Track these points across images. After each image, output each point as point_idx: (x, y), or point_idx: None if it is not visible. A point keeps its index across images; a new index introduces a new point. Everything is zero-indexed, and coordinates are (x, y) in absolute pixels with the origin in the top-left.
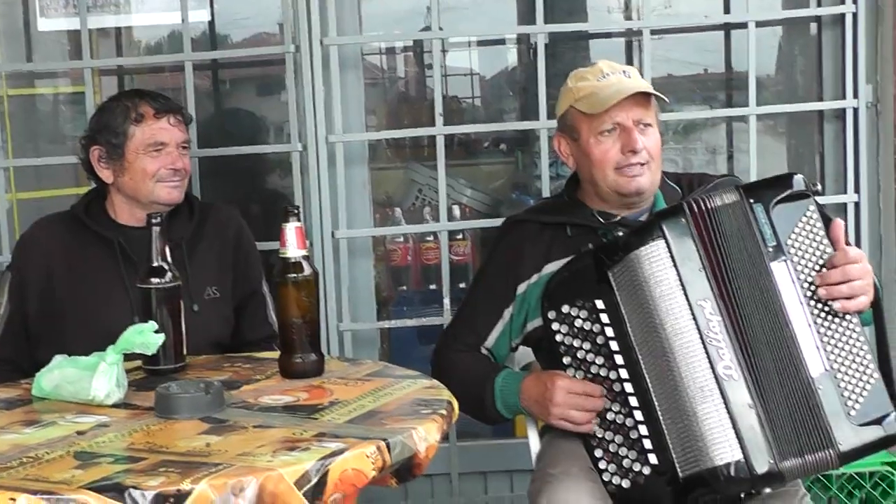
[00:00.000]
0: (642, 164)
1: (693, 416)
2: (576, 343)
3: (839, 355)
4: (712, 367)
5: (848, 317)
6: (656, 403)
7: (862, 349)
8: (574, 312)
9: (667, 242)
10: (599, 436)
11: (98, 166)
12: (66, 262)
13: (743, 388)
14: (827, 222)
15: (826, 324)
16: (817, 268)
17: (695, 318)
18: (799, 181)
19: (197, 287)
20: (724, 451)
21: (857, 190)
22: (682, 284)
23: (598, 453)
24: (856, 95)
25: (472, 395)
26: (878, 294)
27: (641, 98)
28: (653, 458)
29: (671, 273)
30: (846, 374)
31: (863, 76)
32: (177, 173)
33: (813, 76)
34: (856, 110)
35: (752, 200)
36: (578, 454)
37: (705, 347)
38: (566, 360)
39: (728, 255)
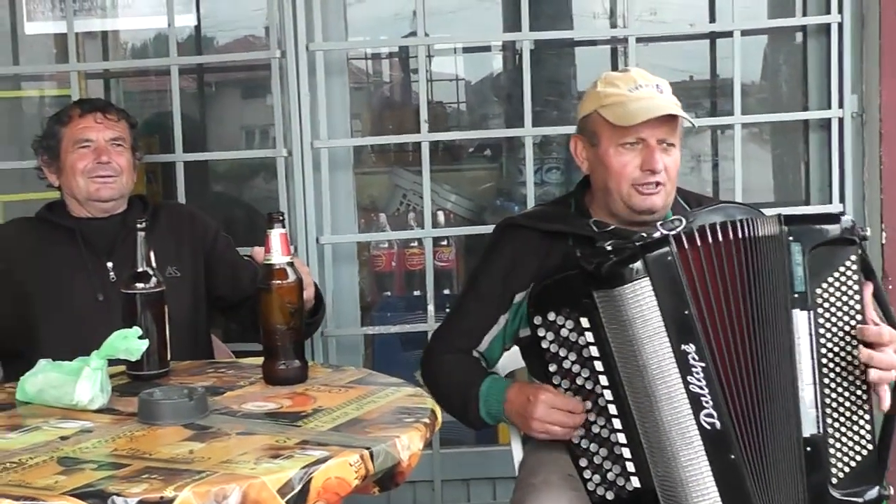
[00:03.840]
0: (659, 184)
1: (674, 460)
2: (561, 352)
3: (837, 420)
4: (695, 415)
5: (857, 385)
6: (640, 433)
7: (863, 419)
8: (560, 321)
9: (651, 281)
10: (584, 446)
11: (46, 171)
12: (30, 254)
13: (726, 438)
14: (868, 274)
15: (832, 386)
16: (840, 325)
17: (678, 364)
18: (847, 224)
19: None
20: (703, 499)
21: (842, 199)
22: (666, 327)
23: (583, 462)
24: (841, 105)
25: (457, 400)
26: None
27: (669, 116)
28: (635, 481)
29: (655, 314)
30: (839, 440)
31: (848, 86)
32: (104, 167)
33: (798, 85)
34: (841, 120)
35: (791, 238)
36: (560, 463)
37: (688, 394)
38: (552, 367)
39: (738, 294)
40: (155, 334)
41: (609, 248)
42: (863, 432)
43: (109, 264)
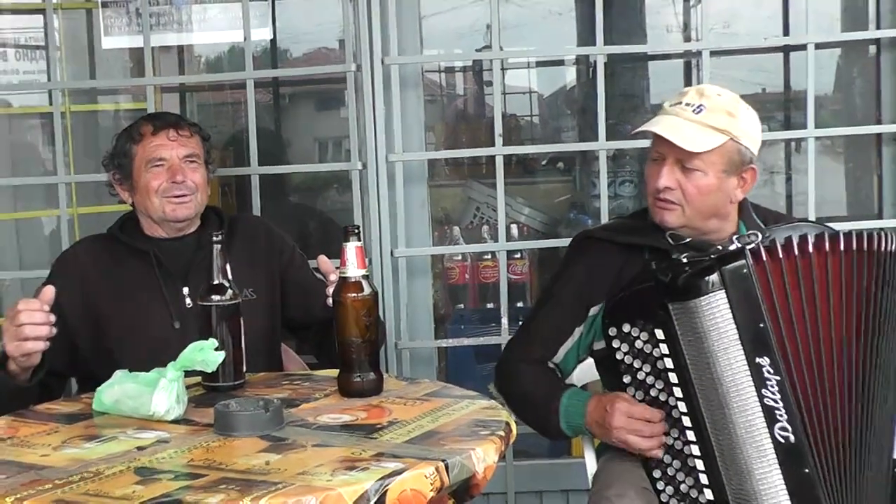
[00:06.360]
0: (672, 202)
1: (748, 473)
2: (636, 364)
3: None
4: (769, 427)
5: None
6: (714, 445)
7: None
8: (635, 333)
9: (727, 293)
10: (658, 458)
11: (118, 188)
12: (104, 276)
13: (801, 451)
14: None
15: None
16: None
17: (752, 376)
18: None
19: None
20: None
21: None
22: (741, 339)
23: (657, 474)
24: None
25: (537, 411)
26: None
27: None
28: (709, 493)
29: (730, 326)
30: None
31: None
32: (179, 186)
33: (871, 98)
34: None
35: None
36: (634, 475)
37: (762, 406)
38: (626, 378)
39: (827, 308)
40: (231, 346)
41: (685, 260)
42: None
43: (185, 290)
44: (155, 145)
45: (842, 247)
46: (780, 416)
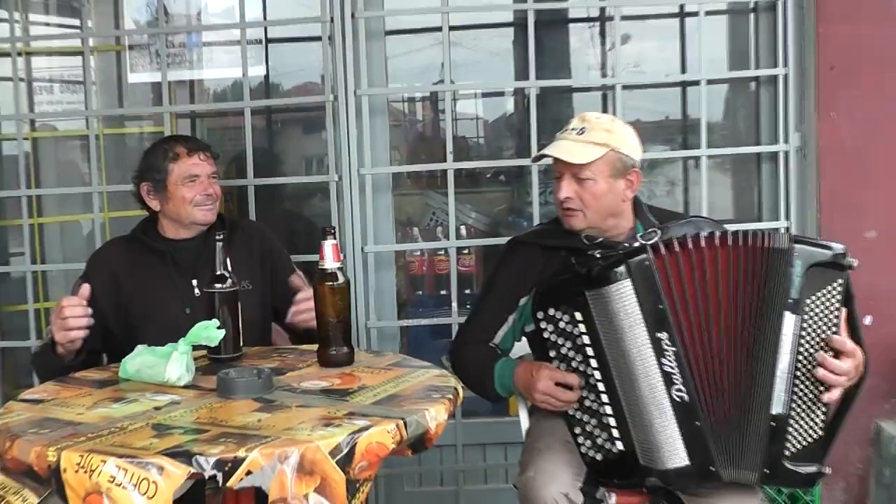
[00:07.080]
0: (574, 209)
1: (650, 427)
2: (559, 341)
3: (799, 406)
4: (667, 389)
5: (821, 383)
6: (624, 405)
7: (820, 410)
8: (558, 315)
9: (632, 281)
10: (578, 417)
11: (147, 198)
12: (129, 271)
13: (694, 408)
14: (847, 298)
15: (802, 379)
16: (819, 332)
17: (653, 348)
18: (841, 254)
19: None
20: (674, 458)
21: (787, 217)
22: (644, 318)
23: (577, 430)
24: (787, 141)
25: (477, 379)
26: (864, 377)
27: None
28: (619, 444)
29: (635, 308)
30: (798, 423)
31: (792, 126)
32: (209, 198)
33: (753, 124)
34: (787, 153)
35: (796, 254)
36: (559, 431)
37: (662, 372)
38: (552, 353)
39: (717, 292)
40: (230, 325)
41: (598, 255)
42: (818, 420)
43: (194, 282)
44: (191, 164)
45: (729, 242)
46: (677, 379)
